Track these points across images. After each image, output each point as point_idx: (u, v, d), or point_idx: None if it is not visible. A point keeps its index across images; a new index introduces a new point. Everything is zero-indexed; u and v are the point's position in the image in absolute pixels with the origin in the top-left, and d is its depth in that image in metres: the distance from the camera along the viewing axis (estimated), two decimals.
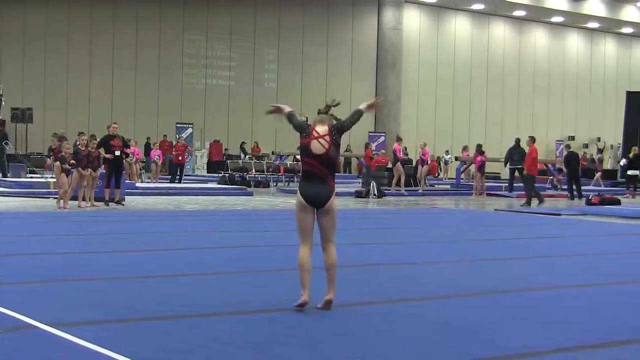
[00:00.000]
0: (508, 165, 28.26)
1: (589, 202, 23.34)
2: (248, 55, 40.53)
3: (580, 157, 45.34)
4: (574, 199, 26.56)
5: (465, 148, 37.16)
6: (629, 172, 30.17)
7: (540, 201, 23.10)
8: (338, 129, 6.72)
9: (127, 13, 38.96)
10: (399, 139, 28.18)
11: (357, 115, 7.06)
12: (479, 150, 27.77)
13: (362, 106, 7.16)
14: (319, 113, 6.87)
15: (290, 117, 7.02)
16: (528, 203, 22.94)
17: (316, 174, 6.59)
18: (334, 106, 6.99)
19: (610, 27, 48.80)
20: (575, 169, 27.63)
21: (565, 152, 33.50)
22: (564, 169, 30.23)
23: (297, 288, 6.78)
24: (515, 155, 27.69)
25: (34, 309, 6.52)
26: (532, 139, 24.00)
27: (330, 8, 41.09)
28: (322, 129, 6.63)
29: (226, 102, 40.31)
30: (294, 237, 7.23)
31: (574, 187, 27.25)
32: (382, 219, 18.09)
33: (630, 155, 31.22)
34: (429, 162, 29.20)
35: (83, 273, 8.50)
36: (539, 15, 45.73)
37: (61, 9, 38.33)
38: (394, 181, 27.05)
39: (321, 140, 6.58)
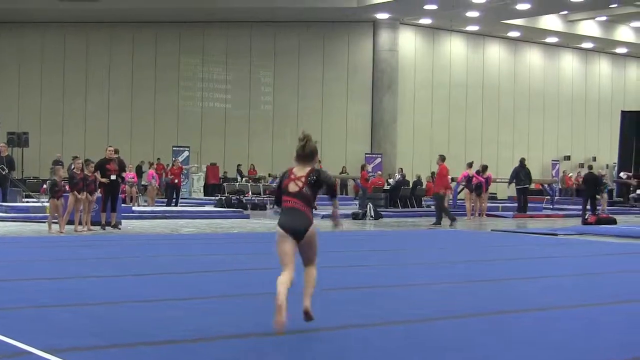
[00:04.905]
0: (514, 185, 28.33)
1: (585, 222, 23.33)
2: (244, 77, 40.63)
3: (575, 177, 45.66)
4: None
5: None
6: (639, 192, 30.25)
7: (452, 220, 22.48)
8: (316, 179, 6.91)
9: (123, 36, 39.09)
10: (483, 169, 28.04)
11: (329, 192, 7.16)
12: (476, 168, 27.75)
13: (332, 210, 7.34)
14: (300, 155, 6.97)
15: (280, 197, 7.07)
16: (439, 223, 22.65)
17: (294, 208, 6.84)
18: (314, 151, 7.01)
19: (604, 47, 48.98)
20: (593, 189, 27.41)
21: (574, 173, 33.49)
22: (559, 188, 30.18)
23: (294, 310, 6.77)
24: (522, 174, 27.78)
25: (30, 334, 6.48)
26: (442, 158, 23.52)
27: (325, 30, 41.22)
28: (300, 172, 6.93)
29: (222, 124, 40.37)
30: None
31: (589, 207, 27.10)
32: (379, 241, 18.06)
33: None
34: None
35: (79, 298, 8.47)
36: (533, 36, 45.89)
37: (57, 33, 38.46)
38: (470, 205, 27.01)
39: (297, 181, 6.89)
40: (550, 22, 43.31)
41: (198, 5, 36.99)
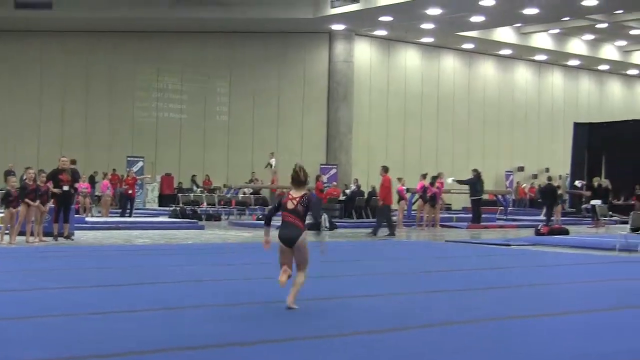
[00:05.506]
0: (469, 196, 28.58)
1: (538, 232, 23.56)
2: (200, 88, 40.51)
3: (530, 187, 46.14)
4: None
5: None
6: (592, 202, 30.56)
7: (391, 233, 22.95)
8: (307, 202, 8.60)
9: (78, 45, 38.74)
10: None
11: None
12: (428, 178, 27.99)
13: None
14: (296, 180, 8.67)
15: (272, 215, 8.94)
16: (392, 234, 22.92)
17: (290, 221, 8.52)
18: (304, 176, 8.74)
19: (557, 59, 49.60)
20: (552, 200, 27.79)
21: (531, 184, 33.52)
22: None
23: (249, 321, 6.73)
24: (479, 185, 28.05)
25: None
26: (385, 169, 23.75)
27: (281, 41, 41.21)
28: (296, 194, 8.60)
29: (178, 135, 40.18)
30: (245, 271, 7.19)
31: (546, 217, 27.45)
32: (333, 252, 18.03)
33: (595, 184, 31.72)
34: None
35: (30, 310, 8.35)
36: (487, 48, 46.34)
37: (11, 40, 38.01)
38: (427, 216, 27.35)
39: (293, 200, 8.57)
40: (504, 34, 43.78)
41: (154, 15, 36.82)
